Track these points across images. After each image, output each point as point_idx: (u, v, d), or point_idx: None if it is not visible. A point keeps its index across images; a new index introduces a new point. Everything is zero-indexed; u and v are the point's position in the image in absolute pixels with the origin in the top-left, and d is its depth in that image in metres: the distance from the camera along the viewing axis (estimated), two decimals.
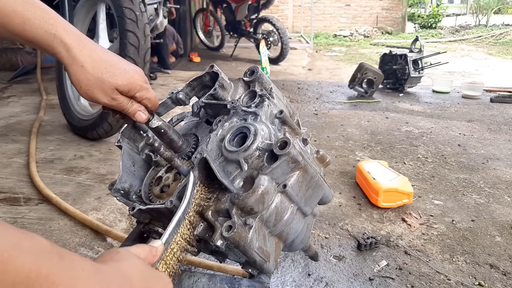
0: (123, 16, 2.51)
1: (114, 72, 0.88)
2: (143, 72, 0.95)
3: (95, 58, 0.87)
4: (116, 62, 0.90)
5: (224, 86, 1.08)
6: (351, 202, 2.61)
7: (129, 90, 0.90)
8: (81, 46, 0.87)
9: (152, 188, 1.03)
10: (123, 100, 0.91)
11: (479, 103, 5.22)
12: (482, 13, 14.57)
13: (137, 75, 0.92)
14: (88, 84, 0.87)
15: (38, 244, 0.48)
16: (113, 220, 2.03)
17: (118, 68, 0.89)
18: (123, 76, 0.89)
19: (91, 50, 0.88)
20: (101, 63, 0.87)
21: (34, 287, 0.45)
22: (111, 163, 2.62)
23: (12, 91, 4.49)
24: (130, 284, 0.60)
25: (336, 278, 1.92)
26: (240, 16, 7.76)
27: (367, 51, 10.08)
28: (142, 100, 0.94)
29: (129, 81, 0.90)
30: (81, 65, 0.86)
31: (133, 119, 0.96)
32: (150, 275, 0.66)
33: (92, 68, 0.86)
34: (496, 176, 3.01)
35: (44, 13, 0.85)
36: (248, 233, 0.91)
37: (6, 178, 2.36)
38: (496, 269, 2.00)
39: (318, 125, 4.23)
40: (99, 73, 0.87)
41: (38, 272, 0.46)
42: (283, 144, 0.92)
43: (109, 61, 0.89)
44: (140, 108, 0.95)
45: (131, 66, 0.92)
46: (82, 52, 0.86)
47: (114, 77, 0.88)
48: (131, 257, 0.65)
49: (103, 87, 0.88)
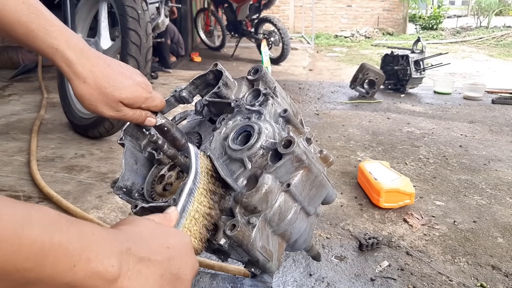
0: (125, 15, 2.51)
1: (118, 86, 0.87)
2: (147, 82, 0.94)
3: (97, 73, 0.86)
4: (120, 75, 0.88)
5: (228, 85, 1.08)
6: (353, 203, 2.61)
7: (133, 103, 0.90)
8: (83, 61, 0.86)
9: (155, 186, 1.03)
10: (128, 111, 0.90)
11: (480, 104, 5.21)
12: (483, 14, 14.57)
13: (140, 88, 0.91)
14: (91, 99, 0.86)
15: (46, 214, 0.49)
16: (114, 219, 2.02)
17: (122, 82, 0.88)
18: (127, 89, 0.88)
19: (94, 65, 0.86)
20: (103, 78, 0.86)
21: (49, 256, 0.46)
22: (112, 161, 2.61)
23: (13, 89, 4.49)
24: (142, 241, 0.60)
25: (337, 278, 1.91)
26: (241, 16, 7.75)
27: (368, 52, 10.07)
28: (149, 109, 0.94)
29: (133, 95, 0.89)
30: (83, 80, 0.85)
31: (143, 125, 0.96)
32: (163, 232, 0.66)
33: (94, 84, 0.85)
34: (498, 178, 3.00)
35: (49, 25, 0.84)
36: (251, 232, 0.90)
37: (7, 176, 2.36)
38: (498, 270, 1.99)
39: (319, 125, 4.22)
40: (102, 88, 0.86)
41: (51, 242, 0.46)
42: (287, 143, 0.92)
43: (112, 74, 0.87)
44: (147, 114, 0.94)
45: (135, 78, 0.91)
46: (84, 68, 0.85)
47: (118, 91, 0.87)
48: (142, 220, 0.66)
49: (107, 101, 0.87)
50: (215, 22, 9.17)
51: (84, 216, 1.92)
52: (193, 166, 0.84)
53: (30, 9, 0.82)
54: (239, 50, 8.57)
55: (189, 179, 0.82)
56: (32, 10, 0.83)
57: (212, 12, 8.78)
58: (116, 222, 0.67)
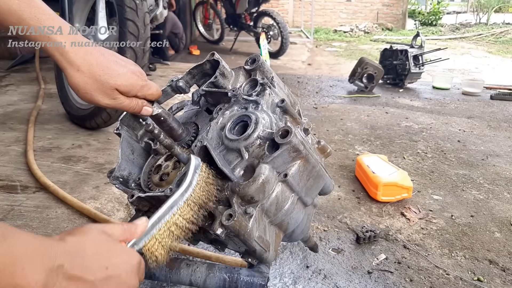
0: (123, 5, 2.49)
1: (113, 73, 0.86)
2: (141, 70, 0.93)
3: (91, 61, 0.85)
4: (114, 64, 0.88)
5: (225, 74, 1.07)
6: (350, 196, 2.60)
7: (129, 90, 0.89)
8: (77, 49, 0.84)
9: (151, 176, 1.02)
10: (124, 100, 0.89)
11: (479, 100, 5.20)
12: (482, 11, 14.54)
13: (135, 76, 0.90)
14: (86, 88, 0.85)
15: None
16: (111, 209, 2.02)
17: (116, 69, 0.87)
18: (122, 77, 0.87)
19: (87, 53, 0.85)
20: (98, 66, 0.85)
21: None
22: (109, 152, 2.60)
23: (10, 79, 4.46)
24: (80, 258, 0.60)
25: (334, 270, 1.91)
26: (240, 9, 7.71)
27: (367, 47, 10.05)
28: (145, 97, 0.93)
29: (128, 82, 0.88)
30: (77, 69, 0.84)
31: (139, 115, 0.95)
32: (109, 250, 0.65)
33: (89, 72, 0.84)
34: (496, 173, 3.00)
35: (40, 14, 0.83)
36: (248, 222, 0.89)
37: (4, 166, 2.35)
38: (495, 264, 1.99)
39: (317, 118, 4.22)
40: (97, 75, 0.85)
41: None
42: (284, 132, 0.91)
43: (106, 63, 0.87)
44: (144, 103, 0.93)
45: (129, 67, 0.90)
46: (77, 56, 0.84)
47: (113, 78, 0.86)
48: (94, 232, 0.65)
49: (102, 89, 0.86)
50: (214, 15, 9.12)
51: (81, 206, 1.91)
52: (187, 179, 0.83)
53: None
54: (237, 44, 8.54)
55: (177, 192, 0.81)
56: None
57: (211, 5, 8.74)
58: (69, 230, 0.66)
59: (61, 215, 1.89)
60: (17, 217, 1.86)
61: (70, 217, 1.89)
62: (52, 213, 1.90)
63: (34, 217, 1.86)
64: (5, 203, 1.96)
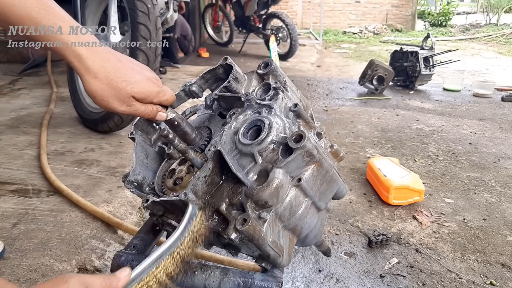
0: (135, 9, 2.51)
1: (130, 80, 0.87)
2: (156, 76, 0.94)
3: (109, 68, 0.85)
4: (131, 71, 0.88)
5: (238, 79, 1.07)
6: (362, 199, 2.60)
7: (145, 97, 0.89)
8: (94, 57, 0.85)
9: (166, 180, 1.03)
10: (140, 106, 0.90)
11: (490, 101, 5.16)
12: (492, 11, 14.41)
13: (151, 82, 0.90)
14: (103, 95, 0.86)
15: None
16: (124, 213, 2.03)
17: (133, 76, 0.88)
18: (138, 84, 0.88)
19: (105, 60, 0.86)
20: (115, 73, 0.86)
21: None
22: (122, 156, 2.62)
23: (23, 83, 4.51)
24: None
25: (346, 274, 1.91)
26: (249, 11, 7.72)
27: (377, 49, 10.01)
28: (160, 103, 0.94)
29: (145, 89, 0.89)
30: (95, 76, 0.85)
31: (154, 120, 0.96)
32: None
33: (106, 79, 0.85)
34: (508, 175, 2.98)
35: (59, 20, 0.84)
36: (262, 226, 0.90)
37: (18, 170, 2.37)
38: (508, 268, 1.98)
39: (328, 121, 4.21)
40: (114, 82, 0.85)
41: None
42: (298, 137, 0.91)
43: (123, 70, 0.87)
44: (158, 108, 0.94)
45: (145, 73, 0.91)
46: (95, 63, 0.85)
47: (130, 85, 0.86)
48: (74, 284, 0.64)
49: (119, 96, 0.86)
50: (223, 18, 9.13)
51: (95, 210, 1.93)
52: (180, 229, 0.81)
53: (40, 4, 0.81)
54: (246, 46, 8.55)
55: (165, 243, 0.79)
56: (42, 5, 0.82)
57: (220, 7, 8.75)
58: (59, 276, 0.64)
59: (75, 219, 1.91)
60: (32, 220, 1.88)
61: (83, 220, 1.91)
62: (66, 216, 1.92)
63: (48, 220, 1.88)
64: (19, 207, 1.98)
